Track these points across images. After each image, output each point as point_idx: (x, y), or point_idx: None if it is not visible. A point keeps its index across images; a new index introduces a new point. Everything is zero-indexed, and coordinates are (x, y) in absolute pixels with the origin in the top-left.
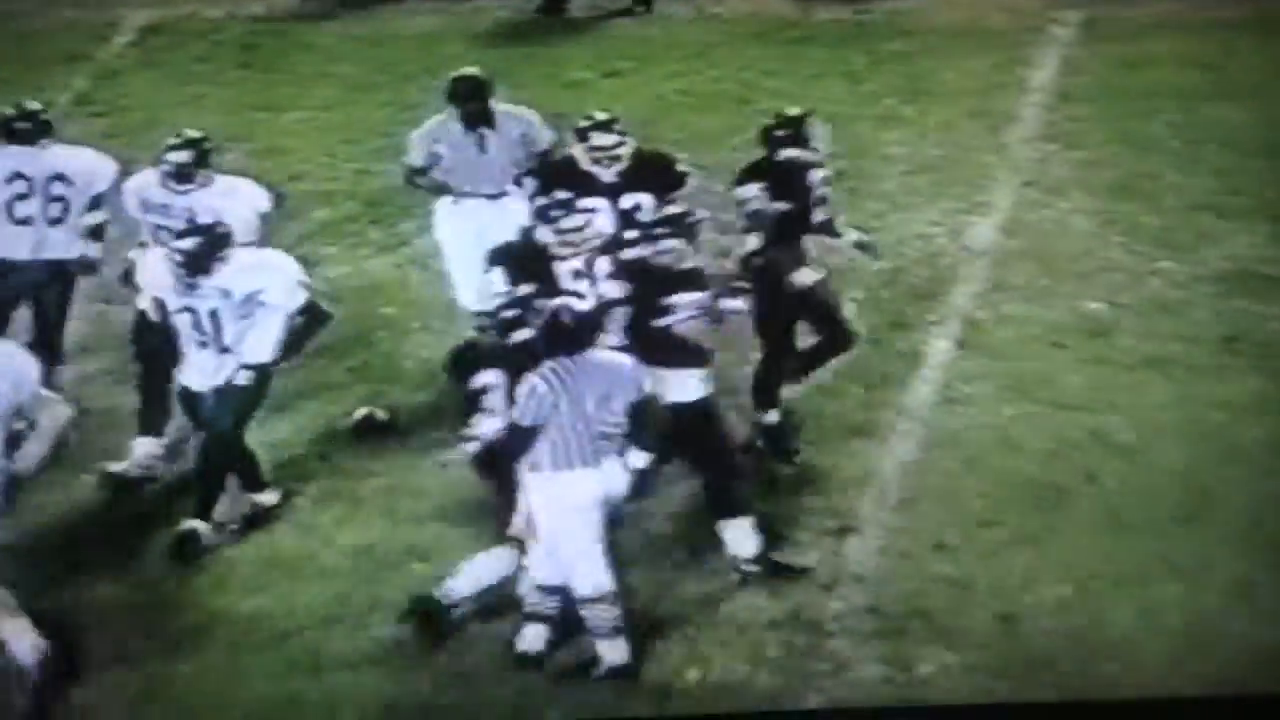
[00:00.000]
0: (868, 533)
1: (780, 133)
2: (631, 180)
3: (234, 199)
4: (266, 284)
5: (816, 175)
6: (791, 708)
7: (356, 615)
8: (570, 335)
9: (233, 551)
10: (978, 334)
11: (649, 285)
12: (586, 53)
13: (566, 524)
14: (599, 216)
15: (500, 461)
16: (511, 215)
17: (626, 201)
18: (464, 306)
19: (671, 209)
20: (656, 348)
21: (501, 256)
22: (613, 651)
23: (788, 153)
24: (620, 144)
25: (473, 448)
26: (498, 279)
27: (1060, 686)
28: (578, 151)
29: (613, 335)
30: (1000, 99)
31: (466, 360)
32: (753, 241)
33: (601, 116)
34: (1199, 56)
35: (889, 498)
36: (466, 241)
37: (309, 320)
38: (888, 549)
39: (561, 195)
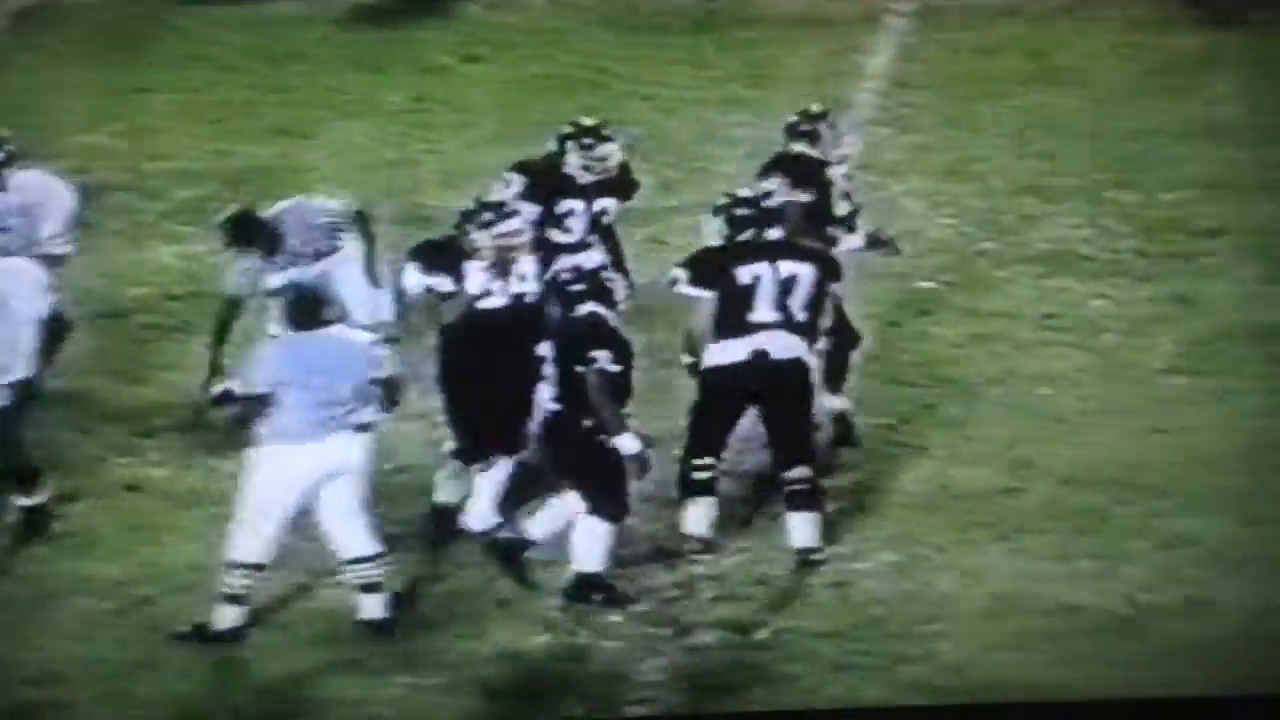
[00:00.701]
0: (708, 504)
1: (800, 128)
2: (605, 186)
3: (42, 196)
4: (13, 288)
5: (835, 170)
6: (632, 672)
7: (210, 583)
8: (307, 310)
9: (94, 518)
10: None
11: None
12: (448, 38)
13: (288, 496)
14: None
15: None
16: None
17: (597, 205)
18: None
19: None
20: None
21: (418, 252)
22: (370, 606)
23: (799, 146)
24: (613, 155)
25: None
26: (412, 271)
27: (887, 647)
28: (571, 157)
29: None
30: (838, 85)
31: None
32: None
33: (589, 122)
34: (1027, 44)
35: (732, 470)
36: None
37: (55, 329)
38: (728, 521)
39: (491, 200)
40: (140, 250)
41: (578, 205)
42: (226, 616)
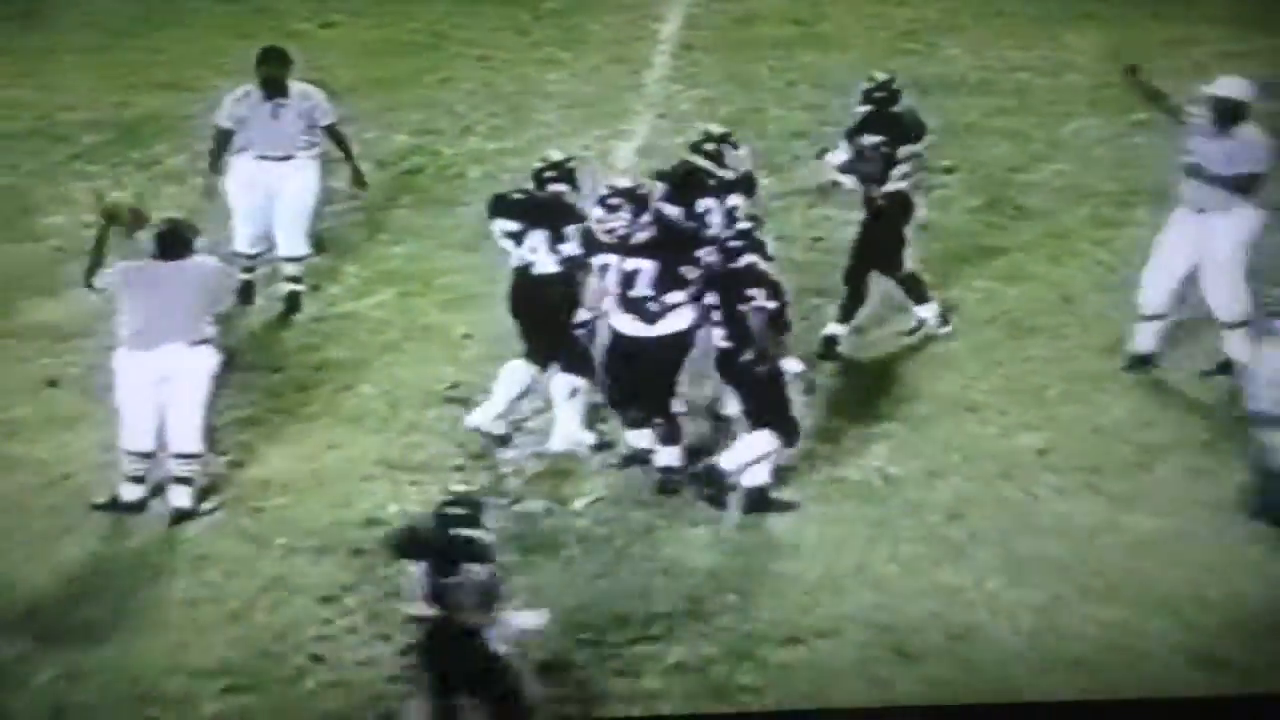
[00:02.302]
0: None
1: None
2: (733, 185)
3: None
4: None
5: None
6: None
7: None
8: (168, 245)
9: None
10: None
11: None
12: (307, 7)
13: (139, 393)
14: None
15: None
16: (298, 175)
17: (729, 202)
18: (238, 249)
19: None
20: None
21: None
22: (178, 496)
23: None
24: (742, 159)
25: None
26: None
27: None
28: (703, 161)
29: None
30: (637, 48)
31: None
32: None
33: (719, 131)
34: (794, 14)
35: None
36: (254, 195)
37: None
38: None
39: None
40: (53, 186)
41: (713, 203)
42: (130, 492)
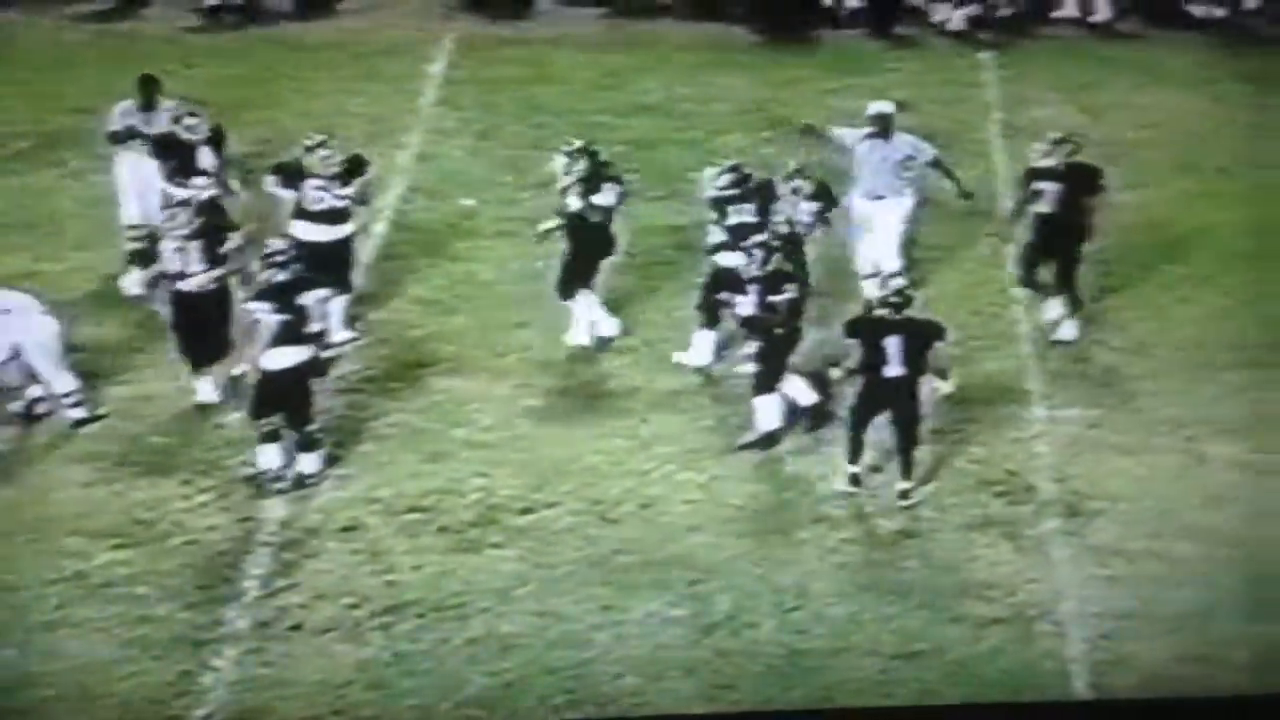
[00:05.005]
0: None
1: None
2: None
3: None
4: None
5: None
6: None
7: None
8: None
9: None
10: (403, 217)
11: None
12: (175, 51)
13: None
14: None
15: None
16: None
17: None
18: (127, 221)
19: None
20: None
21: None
22: (75, 412)
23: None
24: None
25: None
26: None
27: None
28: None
29: None
30: (414, 81)
31: None
32: None
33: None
34: (527, 60)
35: None
36: (138, 182)
37: None
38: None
39: None
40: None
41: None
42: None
